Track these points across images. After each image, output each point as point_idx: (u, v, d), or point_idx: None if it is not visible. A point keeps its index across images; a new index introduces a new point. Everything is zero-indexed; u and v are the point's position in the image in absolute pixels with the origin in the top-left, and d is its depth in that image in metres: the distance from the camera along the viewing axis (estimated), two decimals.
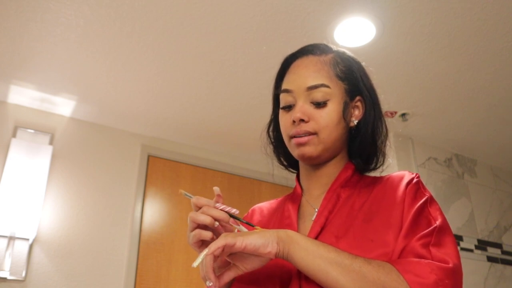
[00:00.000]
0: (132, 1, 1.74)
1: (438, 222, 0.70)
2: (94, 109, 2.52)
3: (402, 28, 1.88)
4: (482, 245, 2.78)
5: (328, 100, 0.81)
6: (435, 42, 1.97)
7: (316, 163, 0.85)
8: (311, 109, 0.81)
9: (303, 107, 0.81)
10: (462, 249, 2.66)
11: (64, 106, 2.48)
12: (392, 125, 2.65)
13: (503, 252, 2.88)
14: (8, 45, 1.98)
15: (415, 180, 0.78)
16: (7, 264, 2.10)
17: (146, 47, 2.00)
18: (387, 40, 1.95)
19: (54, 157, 2.41)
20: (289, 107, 0.84)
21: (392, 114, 2.55)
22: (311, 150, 0.80)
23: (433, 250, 0.66)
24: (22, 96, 2.38)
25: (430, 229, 0.69)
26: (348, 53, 0.90)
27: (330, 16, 1.82)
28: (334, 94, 0.81)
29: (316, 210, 0.81)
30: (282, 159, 0.96)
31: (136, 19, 1.84)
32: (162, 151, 2.81)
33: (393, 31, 1.90)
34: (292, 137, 0.82)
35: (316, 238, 0.74)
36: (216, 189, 0.75)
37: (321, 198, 0.83)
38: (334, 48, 0.89)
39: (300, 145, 0.81)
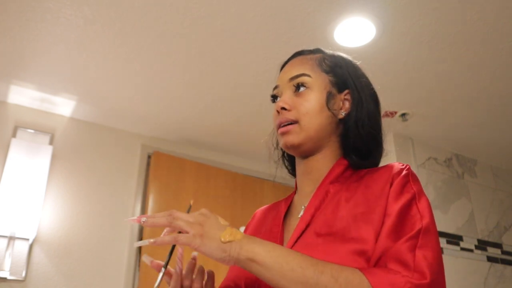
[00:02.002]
0: (132, 1, 1.74)
1: (424, 221, 0.67)
2: (94, 109, 2.52)
3: (402, 28, 1.88)
4: (482, 245, 2.78)
5: (308, 88, 0.83)
6: (435, 42, 1.97)
7: (302, 153, 0.84)
8: (293, 98, 0.83)
9: (284, 97, 0.84)
10: (462, 249, 2.67)
11: (64, 106, 2.48)
12: (392, 125, 2.65)
13: (503, 252, 2.88)
14: (8, 45, 1.98)
15: (404, 172, 0.74)
16: (7, 264, 2.10)
17: (146, 47, 2.00)
18: (387, 40, 1.95)
19: (54, 157, 2.41)
20: (276, 98, 0.88)
21: (392, 114, 2.55)
22: (293, 138, 0.81)
23: (418, 254, 0.63)
24: (22, 96, 2.38)
25: (416, 230, 0.66)
26: (340, 53, 0.91)
27: (330, 16, 1.82)
28: (316, 84, 0.84)
29: (303, 207, 0.81)
30: (286, 163, 0.96)
31: (136, 19, 1.84)
32: (162, 151, 2.81)
33: (393, 31, 1.90)
34: (277, 128, 0.84)
35: (300, 236, 0.73)
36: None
37: (311, 195, 0.82)
38: (327, 51, 0.91)
39: (283, 134, 0.82)
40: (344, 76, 0.86)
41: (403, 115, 2.55)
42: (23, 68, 2.15)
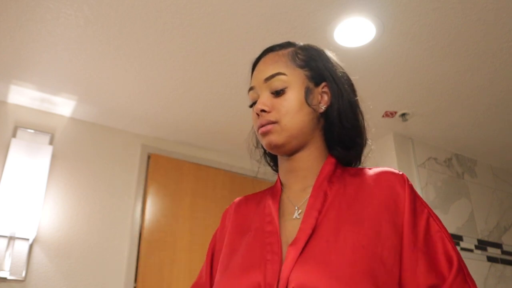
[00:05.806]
0: (132, 1, 1.74)
1: (456, 259, 0.75)
2: (94, 109, 2.52)
3: (402, 28, 1.88)
4: (482, 245, 2.78)
5: (286, 88, 0.82)
6: (435, 42, 1.97)
7: (287, 151, 0.83)
8: (271, 99, 0.82)
9: (263, 99, 0.82)
10: (462, 249, 2.67)
11: (64, 106, 2.48)
12: (392, 125, 2.65)
13: (503, 252, 2.88)
14: (8, 45, 1.98)
15: (407, 185, 0.76)
16: (7, 264, 2.10)
17: (146, 47, 2.00)
18: (387, 40, 1.95)
19: (54, 157, 2.41)
20: (255, 103, 0.86)
21: (392, 114, 2.55)
22: (275, 138, 0.80)
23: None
24: (22, 96, 2.38)
25: (461, 276, 0.75)
26: (312, 45, 0.91)
27: (330, 16, 1.82)
28: (293, 81, 0.82)
29: (296, 208, 0.79)
30: (268, 160, 0.97)
31: (136, 19, 1.84)
32: (162, 151, 2.81)
33: (393, 31, 1.90)
34: (258, 129, 0.83)
35: (308, 241, 0.71)
36: None
37: (302, 194, 0.81)
38: (298, 43, 0.91)
39: (265, 134, 0.81)
40: (320, 68, 0.85)
41: (403, 115, 2.55)
42: (23, 68, 2.15)
